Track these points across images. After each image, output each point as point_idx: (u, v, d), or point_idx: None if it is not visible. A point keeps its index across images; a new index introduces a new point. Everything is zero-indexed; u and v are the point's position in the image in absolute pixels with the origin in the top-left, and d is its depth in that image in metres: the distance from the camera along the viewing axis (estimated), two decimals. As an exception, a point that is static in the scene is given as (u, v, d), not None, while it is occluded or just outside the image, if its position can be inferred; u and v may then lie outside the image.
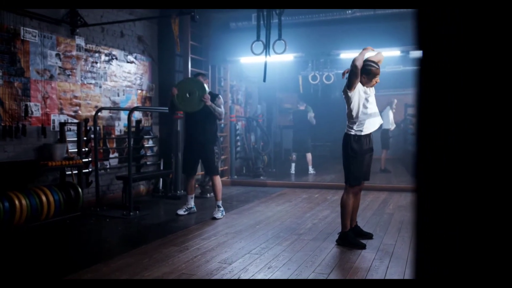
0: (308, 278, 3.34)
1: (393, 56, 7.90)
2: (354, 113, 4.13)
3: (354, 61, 4.07)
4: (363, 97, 4.14)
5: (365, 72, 4.12)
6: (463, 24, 0.75)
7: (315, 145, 11.93)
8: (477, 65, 0.74)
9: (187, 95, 5.32)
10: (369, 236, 4.46)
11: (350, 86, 4.10)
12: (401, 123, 11.59)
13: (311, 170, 9.95)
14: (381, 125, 4.52)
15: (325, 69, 9.77)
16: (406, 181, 8.49)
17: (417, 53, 0.80)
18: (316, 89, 10.40)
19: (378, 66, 4.17)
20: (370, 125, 4.17)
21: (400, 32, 6.60)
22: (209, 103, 5.32)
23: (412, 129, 10.32)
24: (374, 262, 3.71)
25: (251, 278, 3.35)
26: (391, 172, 9.82)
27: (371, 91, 4.23)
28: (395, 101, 10.11)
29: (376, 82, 4.20)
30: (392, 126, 10.14)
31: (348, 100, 4.15)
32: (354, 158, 4.16)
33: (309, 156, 10.00)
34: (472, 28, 0.74)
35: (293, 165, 10.00)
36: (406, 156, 11.01)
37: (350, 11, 7.23)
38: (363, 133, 4.15)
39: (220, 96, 5.70)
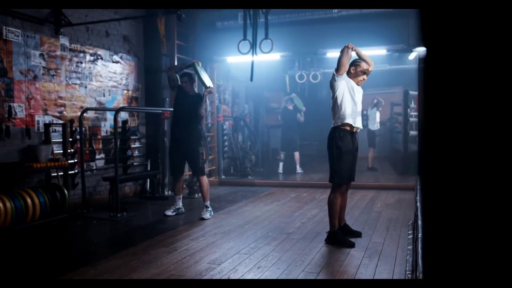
0: (298, 277, 3.34)
1: (379, 55, 7.95)
2: (338, 102, 4.13)
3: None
4: (349, 87, 4.16)
5: (354, 64, 4.23)
6: (462, 23, 0.74)
7: (303, 144, 11.93)
8: (475, 64, 0.74)
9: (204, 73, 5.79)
10: (357, 234, 4.47)
11: (338, 68, 4.14)
12: (387, 121, 11.66)
13: (299, 169, 9.97)
14: (367, 125, 4.58)
15: (311, 68, 9.80)
16: (393, 179, 8.55)
17: (422, 53, 0.79)
18: (303, 88, 10.44)
19: (368, 64, 4.24)
20: (356, 121, 4.18)
21: (387, 31, 6.64)
22: (207, 94, 5.63)
23: (398, 128, 10.38)
24: (363, 260, 3.73)
25: (240, 278, 3.34)
26: (378, 170, 9.88)
27: (358, 89, 4.25)
28: (382, 101, 10.16)
29: (363, 79, 4.25)
30: (377, 127, 10.20)
31: (334, 88, 4.17)
32: (339, 156, 4.15)
33: (297, 155, 10.02)
34: (471, 28, 0.74)
35: (281, 164, 10.00)
36: (393, 154, 11.09)
37: (336, 10, 7.25)
38: (349, 123, 4.12)
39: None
